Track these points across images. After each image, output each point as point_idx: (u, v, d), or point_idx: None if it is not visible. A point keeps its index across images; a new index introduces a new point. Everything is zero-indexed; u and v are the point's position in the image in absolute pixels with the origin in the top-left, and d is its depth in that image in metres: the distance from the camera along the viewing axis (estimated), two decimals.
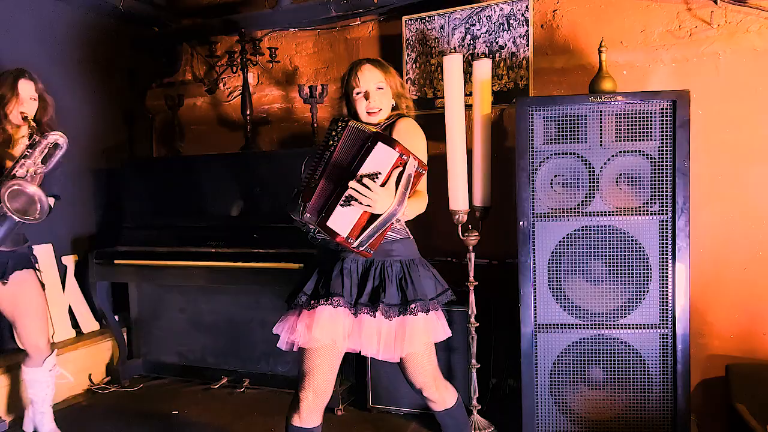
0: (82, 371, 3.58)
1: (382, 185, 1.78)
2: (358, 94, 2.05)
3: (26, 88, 2.61)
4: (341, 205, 1.80)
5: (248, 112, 3.74)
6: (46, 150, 2.53)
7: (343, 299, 1.91)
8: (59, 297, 3.59)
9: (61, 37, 3.72)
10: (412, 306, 1.92)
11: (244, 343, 3.55)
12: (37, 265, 2.81)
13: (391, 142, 1.78)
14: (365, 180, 1.77)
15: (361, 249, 1.83)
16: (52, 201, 2.53)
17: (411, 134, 2.00)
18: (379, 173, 1.78)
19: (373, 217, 1.81)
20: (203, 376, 3.64)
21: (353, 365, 3.30)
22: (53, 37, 3.67)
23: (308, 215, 1.88)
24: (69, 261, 3.69)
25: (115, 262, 3.47)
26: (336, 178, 1.85)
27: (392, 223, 1.86)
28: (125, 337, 3.79)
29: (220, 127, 4.21)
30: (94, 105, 3.92)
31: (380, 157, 1.77)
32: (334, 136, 1.91)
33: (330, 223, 1.81)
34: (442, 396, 2.13)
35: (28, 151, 2.50)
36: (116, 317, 3.69)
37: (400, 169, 1.78)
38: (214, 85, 4.10)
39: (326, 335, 1.88)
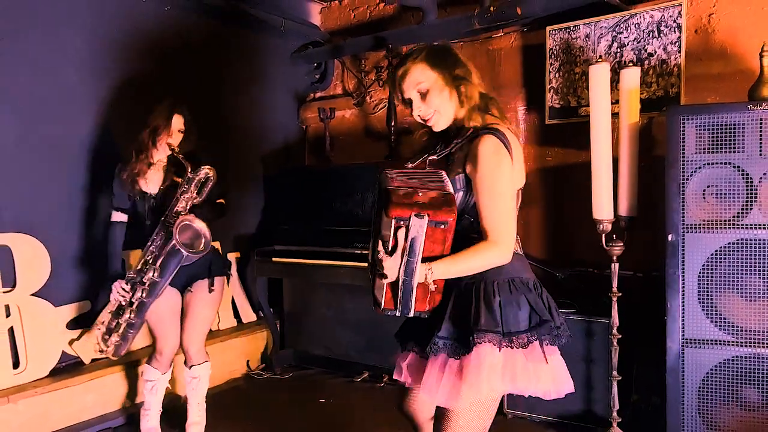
0: (242, 357, 3.98)
1: (391, 252, 1.54)
2: (404, 103, 1.79)
3: (177, 122, 2.82)
4: (374, 273, 1.64)
5: (393, 123, 3.94)
6: (200, 184, 2.75)
7: (408, 346, 1.84)
8: (224, 290, 4.00)
9: (233, 56, 4.16)
10: (471, 338, 1.57)
11: (385, 341, 3.72)
12: (229, 271, 3.13)
13: (387, 204, 1.53)
14: (379, 244, 1.59)
15: (406, 314, 1.59)
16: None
17: (482, 163, 1.62)
18: (387, 237, 1.56)
19: (393, 286, 1.58)
20: (346, 369, 3.88)
21: None
22: (227, 55, 4.12)
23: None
24: (232, 257, 4.11)
25: (273, 260, 3.83)
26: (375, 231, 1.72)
27: (426, 285, 1.57)
28: (278, 328, 4.14)
29: (366, 138, 4.47)
30: (257, 117, 4.33)
31: (385, 219, 1.57)
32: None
33: (375, 290, 1.67)
34: None
35: (185, 187, 2.73)
36: (271, 310, 4.05)
37: (403, 230, 1.53)
38: (362, 98, 4.37)
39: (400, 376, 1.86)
